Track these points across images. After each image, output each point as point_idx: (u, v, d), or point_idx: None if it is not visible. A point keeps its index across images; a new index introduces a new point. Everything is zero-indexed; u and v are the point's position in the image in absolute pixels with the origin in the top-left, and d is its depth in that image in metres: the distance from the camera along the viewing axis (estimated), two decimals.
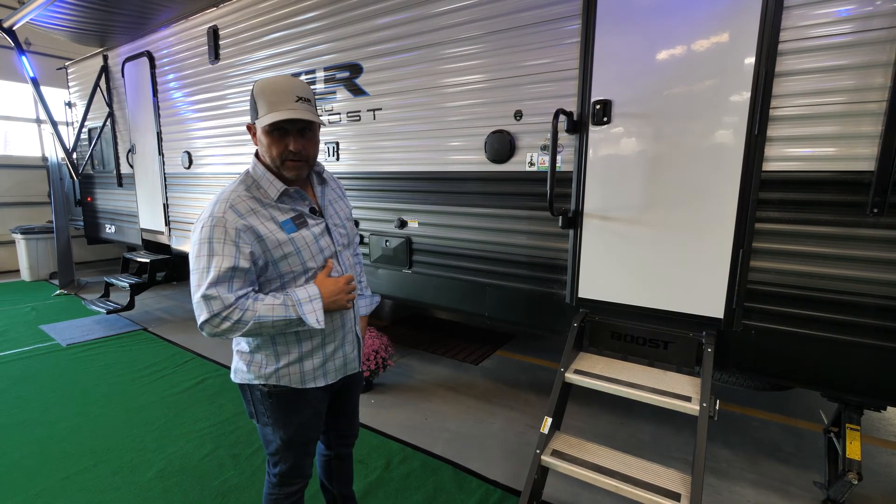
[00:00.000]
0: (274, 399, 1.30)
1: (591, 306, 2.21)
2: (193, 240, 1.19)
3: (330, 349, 1.34)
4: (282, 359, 1.28)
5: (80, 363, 3.70)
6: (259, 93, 1.17)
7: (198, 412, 2.91)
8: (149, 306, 5.29)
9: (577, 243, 2.21)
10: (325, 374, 1.35)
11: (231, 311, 1.12)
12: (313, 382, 1.33)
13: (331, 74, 3.07)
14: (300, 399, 1.32)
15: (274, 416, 1.32)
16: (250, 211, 1.19)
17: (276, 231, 1.21)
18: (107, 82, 5.16)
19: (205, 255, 1.14)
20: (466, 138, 2.54)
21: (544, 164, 2.29)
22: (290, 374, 1.29)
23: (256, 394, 1.32)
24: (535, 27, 2.22)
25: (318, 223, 1.30)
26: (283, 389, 1.30)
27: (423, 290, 2.88)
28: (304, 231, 1.25)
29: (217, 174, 4.05)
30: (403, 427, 2.74)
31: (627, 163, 2.03)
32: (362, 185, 3.06)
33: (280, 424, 1.33)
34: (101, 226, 5.85)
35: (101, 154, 5.52)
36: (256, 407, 1.34)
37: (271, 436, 1.35)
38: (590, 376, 1.94)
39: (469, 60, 2.47)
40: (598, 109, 2.06)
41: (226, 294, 1.12)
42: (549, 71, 2.21)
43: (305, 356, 1.30)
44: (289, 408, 1.32)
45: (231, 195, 1.20)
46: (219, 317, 1.12)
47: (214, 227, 1.15)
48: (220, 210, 1.17)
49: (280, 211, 1.24)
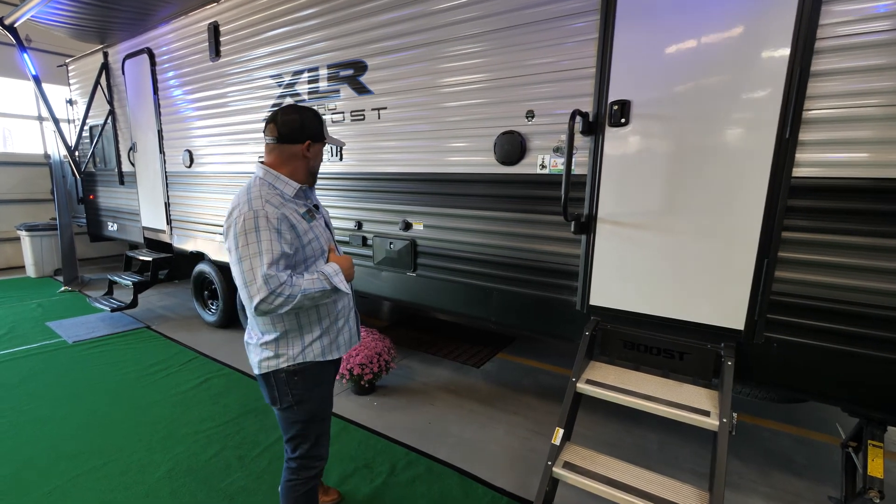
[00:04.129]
0: (299, 377, 1.49)
1: (603, 314, 2.15)
2: (235, 232, 1.34)
3: (341, 323, 1.59)
4: (306, 337, 1.50)
5: (86, 360, 3.69)
6: (322, 118, 1.54)
7: (203, 412, 2.89)
8: (151, 304, 5.27)
9: (590, 249, 2.14)
10: (339, 347, 1.59)
11: (284, 287, 1.32)
12: (331, 355, 1.56)
13: (334, 72, 3.00)
14: (320, 374, 1.54)
15: (299, 394, 1.51)
16: (281, 204, 1.41)
17: (301, 220, 1.45)
18: (107, 79, 5.10)
19: (254, 242, 1.32)
20: (475, 139, 2.46)
21: (557, 166, 2.21)
22: (313, 349, 1.51)
23: (281, 377, 1.49)
24: (549, 23, 2.13)
25: (320, 216, 1.57)
26: (306, 366, 1.50)
27: (427, 294, 2.82)
28: (315, 222, 1.51)
29: (218, 174, 3.99)
30: (407, 431, 2.70)
31: (645, 166, 1.95)
32: (366, 185, 2.99)
33: (304, 400, 1.52)
34: (104, 223, 5.82)
35: (103, 152, 5.47)
36: (280, 390, 1.51)
37: (294, 416, 1.53)
38: (603, 387, 1.88)
39: (478, 58, 2.38)
40: (616, 110, 1.98)
41: (279, 273, 1.32)
42: (564, 70, 2.13)
43: (325, 332, 1.53)
44: (312, 383, 1.52)
45: (261, 191, 1.40)
46: (274, 293, 1.31)
47: (258, 218, 1.33)
48: (259, 204, 1.36)
49: (297, 205, 1.47)
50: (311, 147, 1.48)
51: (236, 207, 1.38)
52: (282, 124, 1.45)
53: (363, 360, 2.95)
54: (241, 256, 1.32)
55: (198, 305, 4.66)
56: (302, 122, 1.46)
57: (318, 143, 1.51)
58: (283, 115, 1.46)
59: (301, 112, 1.47)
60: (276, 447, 2.50)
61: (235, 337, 4.24)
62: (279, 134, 1.45)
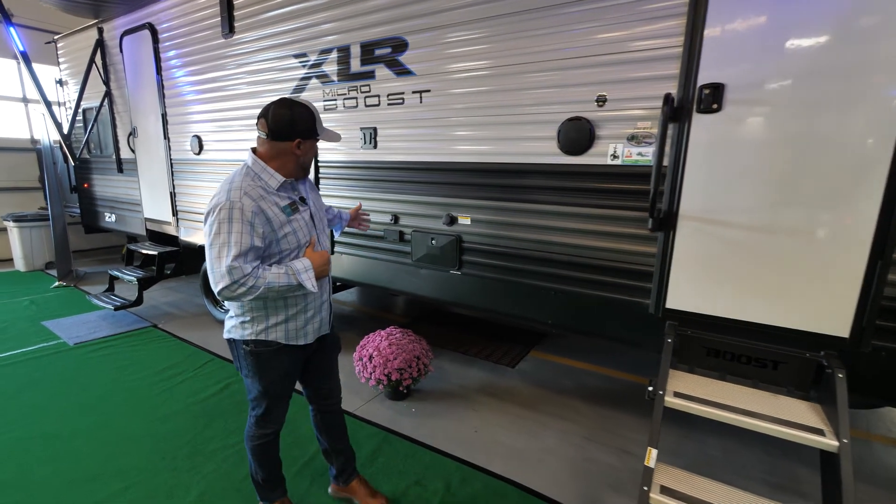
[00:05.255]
0: (255, 356, 1.59)
1: (681, 318, 1.98)
2: (211, 220, 1.40)
3: (311, 313, 1.64)
4: (271, 319, 1.57)
5: (91, 365, 3.42)
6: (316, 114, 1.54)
7: (230, 423, 2.66)
8: (155, 300, 4.98)
9: (669, 247, 1.96)
10: (306, 335, 1.65)
11: (247, 278, 1.38)
12: (295, 340, 1.62)
13: (369, 51, 2.74)
14: (275, 358, 1.61)
15: (254, 369, 1.61)
16: (260, 197, 1.45)
17: (279, 214, 1.48)
18: (103, 58, 4.72)
19: (224, 232, 1.38)
20: (534, 125, 2.25)
21: (631, 157, 2.02)
22: (276, 331, 1.58)
23: (241, 349, 1.60)
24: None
25: (305, 210, 1.59)
26: (264, 348, 1.58)
27: (473, 293, 2.62)
28: (297, 215, 1.54)
29: (231, 161, 3.71)
30: (453, 440, 2.53)
31: (739, 158, 1.77)
32: (403, 176, 2.76)
33: (258, 377, 1.62)
34: (100, 214, 5.48)
35: (99, 137, 5.11)
36: (241, 361, 1.63)
37: (251, 385, 1.67)
38: (694, 400, 1.72)
39: (541, 35, 2.16)
40: (707, 95, 1.78)
41: (244, 265, 1.38)
42: (644, 49, 1.92)
43: (290, 318, 1.59)
44: (266, 365, 1.61)
45: (243, 183, 1.44)
46: (237, 283, 1.37)
47: (232, 209, 1.38)
48: (237, 196, 1.40)
49: (279, 198, 1.51)
50: (301, 145, 1.51)
51: (216, 196, 1.45)
52: (272, 121, 1.47)
53: (401, 365, 2.75)
54: (212, 244, 1.39)
55: (208, 302, 4.40)
56: (292, 119, 1.48)
57: (308, 140, 1.53)
58: (275, 110, 1.48)
59: (293, 108, 1.48)
60: (316, 463, 2.30)
61: None
62: (269, 130, 1.48)
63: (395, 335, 2.93)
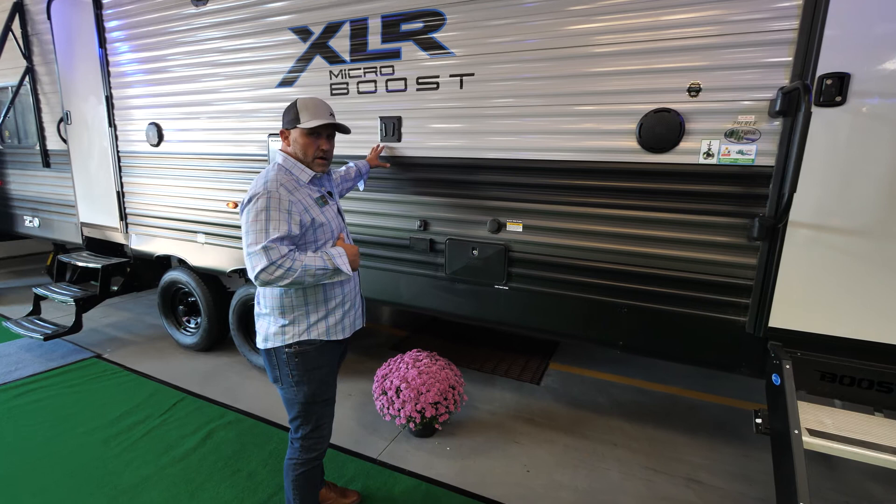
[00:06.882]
0: (300, 357, 1.56)
1: (787, 338, 1.75)
2: (248, 209, 1.43)
3: (347, 306, 1.66)
4: (311, 316, 1.56)
5: (17, 416, 2.65)
6: (303, 107, 1.54)
7: (223, 490, 2.09)
8: (95, 321, 4.11)
9: (775, 258, 1.73)
10: (344, 329, 1.65)
11: (285, 259, 1.40)
12: (335, 335, 1.62)
13: (393, 26, 2.29)
14: (321, 356, 1.60)
15: (299, 373, 1.56)
16: (295, 189, 1.51)
17: (313, 206, 1.54)
18: (23, 27, 3.82)
19: (263, 220, 1.41)
20: (608, 117, 1.94)
21: (729, 155, 1.76)
22: (318, 328, 1.57)
23: (283, 356, 1.56)
24: None
25: (333, 203, 1.67)
26: (308, 347, 1.56)
27: (525, 312, 2.27)
28: (327, 208, 1.60)
29: (204, 156, 3.07)
30: (508, 487, 2.15)
31: (865, 157, 1.56)
32: (436, 174, 2.35)
33: (304, 381, 1.58)
34: (18, 217, 4.47)
35: (17, 124, 4.15)
36: (282, 369, 1.58)
37: (294, 397, 1.60)
38: (836, 440, 1.48)
39: (622, 12, 1.85)
40: (829, 86, 1.56)
41: (281, 246, 1.41)
42: (749, 32, 1.67)
43: (330, 312, 1.60)
44: (312, 364, 1.58)
45: (278, 176, 1.50)
46: (274, 264, 1.38)
47: (270, 198, 1.43)
48: (274, 187, 1.45)
49: (311, 191, 1.57)
50: (287, 135, 1.59)
51: (252, 188, 1.48)
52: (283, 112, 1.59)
53: (436, 398, 2.33)
54: (249, 230, 1.41)
55: (167, 324, 3.67)
56: (286, 109, 1.57)
57: (293, 130, 1.55)
58: None
59: (296, 102, 1.55)
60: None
61: (227, 363, 3.36)
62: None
63: (422, 361, 2.50)
